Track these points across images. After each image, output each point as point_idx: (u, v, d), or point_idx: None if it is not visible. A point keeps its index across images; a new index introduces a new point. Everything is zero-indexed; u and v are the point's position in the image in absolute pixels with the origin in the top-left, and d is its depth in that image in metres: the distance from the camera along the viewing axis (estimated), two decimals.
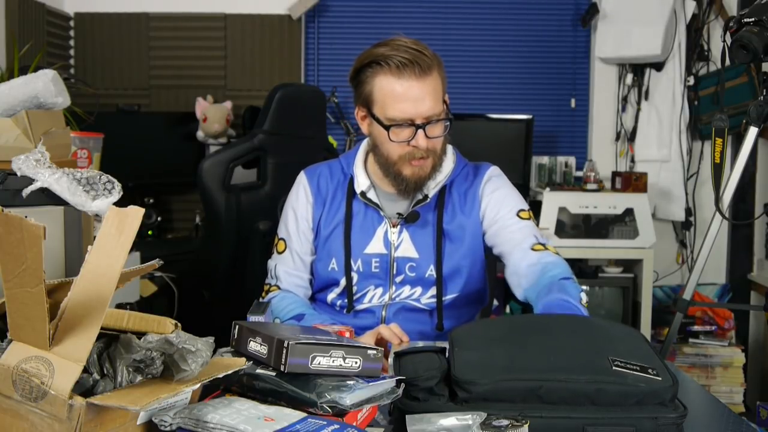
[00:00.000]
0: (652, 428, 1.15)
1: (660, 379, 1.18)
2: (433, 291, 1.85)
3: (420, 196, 1.84)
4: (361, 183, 1.86)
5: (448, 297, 1.86)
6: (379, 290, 1.86)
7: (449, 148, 1.88)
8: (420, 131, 1.72)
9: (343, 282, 1.87)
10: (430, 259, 1.84)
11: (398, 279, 1.85)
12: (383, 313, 1.85)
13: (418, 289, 1.86)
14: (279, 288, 1.91)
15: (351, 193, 1.87)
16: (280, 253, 1.94)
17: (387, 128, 1.73)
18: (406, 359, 1.30)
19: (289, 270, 1.92)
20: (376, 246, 1.85)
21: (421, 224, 1.84)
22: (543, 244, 1.80)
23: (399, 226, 1.85)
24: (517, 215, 1.84)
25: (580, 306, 1.61)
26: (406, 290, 1.85)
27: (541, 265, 1.74)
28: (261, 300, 1.84)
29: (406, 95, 1.70)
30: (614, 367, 1.19)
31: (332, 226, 1.88)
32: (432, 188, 1.84)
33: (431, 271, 1.84)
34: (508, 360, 1.22)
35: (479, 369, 1.21)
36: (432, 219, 1.85)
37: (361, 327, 1.78)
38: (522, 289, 1.76)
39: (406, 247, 1.84)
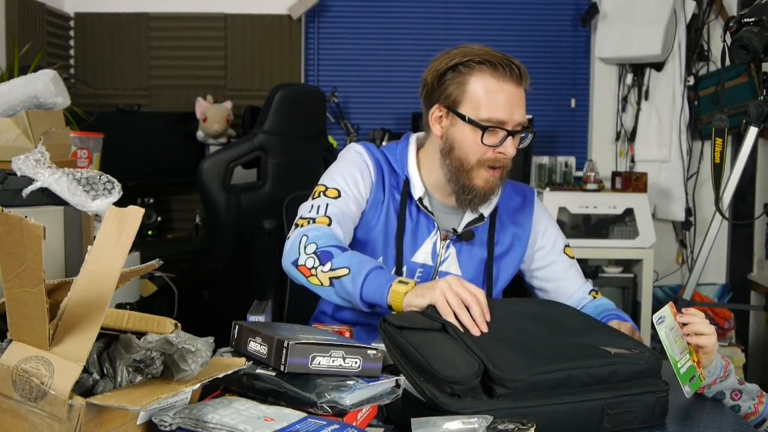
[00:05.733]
0: (653, 401, 1.31)
1: (648, 354, 1.35)
2: None
3: (474, 215, 1.79)
4: (418, 189, 1.78)
5: None
6: None
7: None
8: (509, 138, 1.68)
9: None
10: (472, 279, 1.77)
11: None
12: None
13: None
14: (329, 222, 1.67)
15: (406, 195, 1.79)
16: (330, 197, 1.72)
17: (483, 129, 1.66)
18: (442, 352, 1.28)
19: (343, 215, 1.70)
20: (423, 256, 1.78)
21: (470, 243, 1.80)
22: (596, 291, 1.84)
23: (448, 241, 1.79)
24: (565, 253, 1.86)
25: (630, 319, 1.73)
26: None
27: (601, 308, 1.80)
28: (296, 226, 1.68)
29: (505, 99, 1.67)
30: (613, 353, 1.33)
31: (377, 220, 1.78)
32: (487, 208, 1.79)
33: None
34: (531, 354, 1.29)
35: (516, 365, 1.24)
36: (482, 241, 1.81)
37: None
38: None
39: (450, 263, 1.79)
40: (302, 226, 1.67)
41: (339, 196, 1.73)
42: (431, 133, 1.77)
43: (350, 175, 1.77)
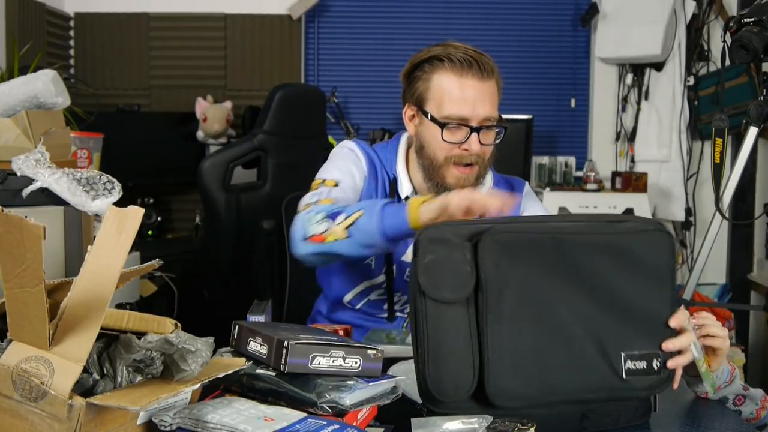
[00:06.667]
0: (635, 404, 1.29)
1: (661, 376, 1.25)
2: None
3: None
4: (405, 188, 1.79)
5: None
6: (404, 298, 1.81)
7: None
8: (474, 134, 1.67)
9: (383, 285, 1.81)
10: None
11: None
12: (406, 322, 1.81)
13: None
14: (335, 202, 1.67)
15: (394, 194, 1.79)
16: (330, 186, 1.74)
17: (442, 126, 1.67)
18: (447, 349, 1.20)
19: (345, 200, 1.70)
20: (411, 255, 1.80)
21: None
22: None
23: None
24: None
25: None
26: None
27: None
28: (306, 207, 1.68)
29: (465, 94, 1.66)
30: (626, 376, 1.23)
31: None
32: None
33: None
34: (540, 372, 1.21)
35: (516, 388, 1.18)
36: None
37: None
38: None
39: None
40: (314, 204, 1.67)
41: (337, 185, 1.74)
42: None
43: (345, 167, 1.79)
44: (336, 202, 1.67)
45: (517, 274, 1.21)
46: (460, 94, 1.66)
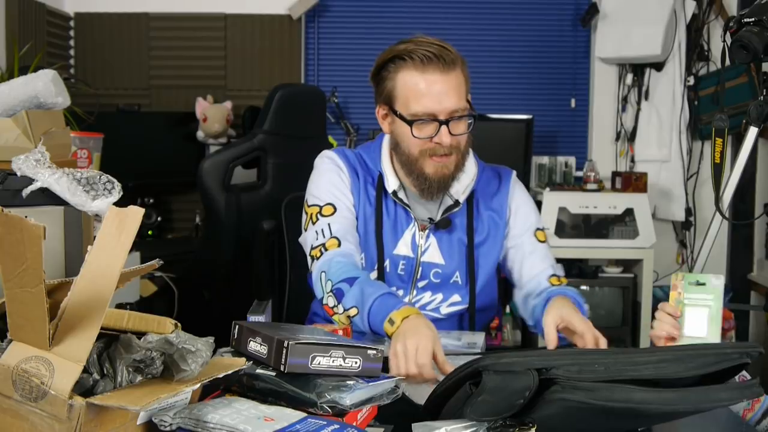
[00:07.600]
0: None
1: None
2: (454, 299, 1.83)
3: (450, 202, 1.80)
4: (392, 182, 1.81)
5: (468, 306, 1.85)
6: (400, 293, 1.82)
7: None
8: (443, 127, 1.69)
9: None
10: (456, 266, 1.81)
11: (421, 284, 1.82)
12: None
13: (439, 296, 1.83)
14: (339, 242, 1.73)
15: (381, 190, 1.83)
16: (328, 215, 1.78)
17: (410, 123, 1.69)
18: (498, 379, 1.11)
19: (347, 227, 1.77)
20: (403, 248, 1.81)
21: (449, 231, 1.82)
22: (558, 277, 1.80)
23: (427, 231, 1.82)
24: (535, 235, 1.85)
25: (578, 296, 1.69)
26: (427, 296, 1.82)
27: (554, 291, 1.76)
28: (312, 259, 1.74)
29: (429, 90, 1.68)
30: None
31: (360, 218, 1.83)
32: (462, 193, 1.80)
33: (456, 278, 1.82)
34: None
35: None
36: (462, 227, 1.82)
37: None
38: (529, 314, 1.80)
39: (432, 252, 1.81)
40: (317, 257, 1.74)
41: (335, 210, 1.79)
42: None
43: (333, 184, 1.82)
44: (341, 243, 1.73)
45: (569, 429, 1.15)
46: (424, 89, 1.68)
